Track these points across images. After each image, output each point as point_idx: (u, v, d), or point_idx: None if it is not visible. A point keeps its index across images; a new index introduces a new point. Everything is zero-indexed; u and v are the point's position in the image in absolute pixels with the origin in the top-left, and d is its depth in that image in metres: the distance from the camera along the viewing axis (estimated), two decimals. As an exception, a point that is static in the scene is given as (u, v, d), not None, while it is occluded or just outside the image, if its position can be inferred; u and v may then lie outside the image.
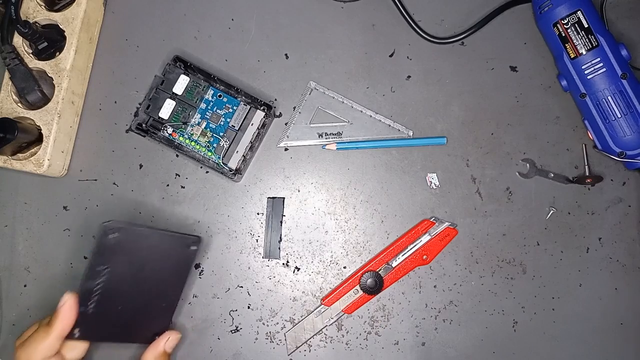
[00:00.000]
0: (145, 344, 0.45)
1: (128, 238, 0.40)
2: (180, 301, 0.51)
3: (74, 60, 0.51)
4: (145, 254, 0.42)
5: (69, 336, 0.41)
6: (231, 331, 0.51)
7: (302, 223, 0.52)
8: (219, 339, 0.51)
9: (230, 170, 0.51)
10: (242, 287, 0.52)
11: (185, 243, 0.44)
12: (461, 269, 0.51)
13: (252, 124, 0.51)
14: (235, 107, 0.52)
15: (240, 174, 0.52)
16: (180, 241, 0.44)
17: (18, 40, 0.51)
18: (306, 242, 0.52)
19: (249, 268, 0.52)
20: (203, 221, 0.52)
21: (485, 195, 0.52)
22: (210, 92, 0.52)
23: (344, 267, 0.52)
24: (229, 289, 0.52)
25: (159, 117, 0.51)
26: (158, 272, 0.43)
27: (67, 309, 0.40)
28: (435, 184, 0.52)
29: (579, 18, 0.48)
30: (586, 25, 0.48)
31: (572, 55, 0.49)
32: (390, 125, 0.53)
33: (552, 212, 0.52)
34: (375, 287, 0.50)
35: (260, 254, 0.52)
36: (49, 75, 0.50)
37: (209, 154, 0.51)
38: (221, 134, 0.52)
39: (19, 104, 0.51)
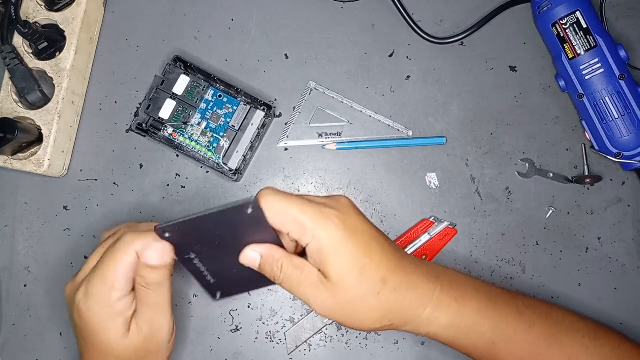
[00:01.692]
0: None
1: (184, 231, 0.37)
2: (181, 300, 0.51)
3: (74, 60, 0.51)
4: (213, 235, 0.37)
5: (214, 297, 0.40)
6: (231, 331, 0.51)
7: (302, 223, 0.52)
8: (219, 338, 0.51)
9: (231, 170, 0.51)
10: (242, 286, 0.52)
11: (241, 213, 0.36)
12: (460, 269, 0.52)
13: (252, 124, 0.51)
14: (235, 107, 0.52)
15: (241, 174, 0.52)
16: (234, 214, 0.36)
17: (18, 40, 0.51)
18: (306, 241, 0.52)
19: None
20: (203, 221, 0.52)
21: (485, 195, 0.52)
22: (211, 92, 0.52)
23: (344, 267, 0.52)
24: (229, 288, 0.52)
25: (159, 117, 0.51)
26: (237, 243, 0.38)
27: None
28: (434, 184, 0.52)
29: (577, 18, 0.48)
30: (585, 26, 0.48)
31: (571, 56, 0.49)
32: (390, 125, 0.53)
33: (551, 212, 0.52)
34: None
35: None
36: (49, 75, 0.50)
37: (209, 154, 0.52)
38: (221, 134, 0.52)
39: (19, 104, 0.51)
